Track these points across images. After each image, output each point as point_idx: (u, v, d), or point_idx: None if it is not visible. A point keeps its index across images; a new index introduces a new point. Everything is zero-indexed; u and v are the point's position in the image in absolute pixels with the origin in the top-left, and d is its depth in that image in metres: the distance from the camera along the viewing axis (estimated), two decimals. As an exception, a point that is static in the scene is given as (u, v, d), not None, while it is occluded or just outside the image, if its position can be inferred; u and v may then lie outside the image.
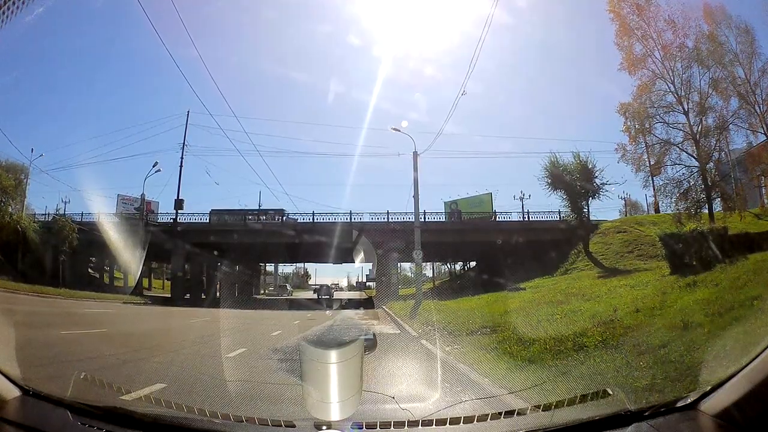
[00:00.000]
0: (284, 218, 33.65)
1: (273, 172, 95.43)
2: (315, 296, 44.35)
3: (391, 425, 2.15)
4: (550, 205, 58.57)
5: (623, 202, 41.21)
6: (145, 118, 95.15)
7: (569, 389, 3.90)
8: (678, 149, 21.88)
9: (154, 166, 32.77)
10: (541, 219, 32.90)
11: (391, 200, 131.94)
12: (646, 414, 2.00)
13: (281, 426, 2.29)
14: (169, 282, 39.05)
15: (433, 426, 2.30)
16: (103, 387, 3.33)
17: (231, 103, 67.55)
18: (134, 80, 63.84)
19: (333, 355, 2.35)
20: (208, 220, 33.54)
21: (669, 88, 21.50)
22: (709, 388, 1.90)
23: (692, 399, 1.95)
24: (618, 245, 24.84)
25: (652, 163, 22.60)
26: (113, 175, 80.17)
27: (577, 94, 71.93)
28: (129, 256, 25.05)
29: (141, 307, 23.26)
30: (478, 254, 41.08)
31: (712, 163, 21.56)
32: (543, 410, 2.44)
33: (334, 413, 2.16)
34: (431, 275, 59.13)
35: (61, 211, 33.55)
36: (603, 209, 79.15)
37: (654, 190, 24.24)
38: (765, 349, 1.69)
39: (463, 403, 3.69)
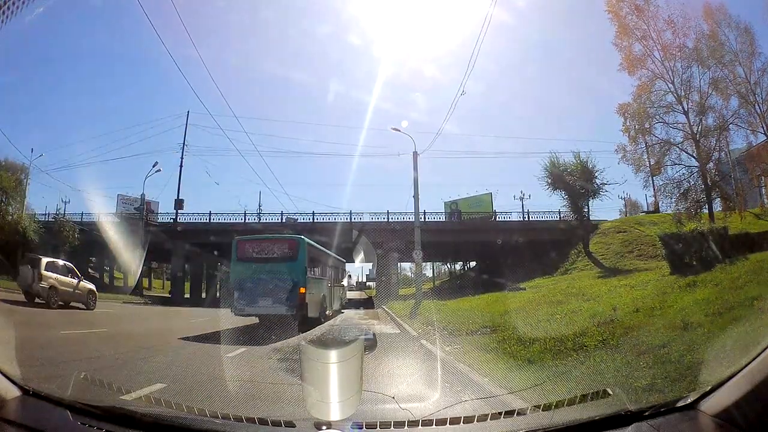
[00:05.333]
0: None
1: (273, 172, 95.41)
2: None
3: (391, 425, 2.15)
4: (550, 205, 58.55)
5: (623, 202, 41.19)
6: (145, 118, 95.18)
7: (569, 389, 3.90)
8: (678, 149, 21.92)
9: (154, 166, 32.82)
10: (541, 219, 32.92)
11: (391, 200, 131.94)
12: (646, 414, 2.00)
13: (281, 426, 2.29)
14: (169, 282, 39.05)
15: (433, 426, 2.31)
16: (103, 387, 3.33)
17: (231, 103, 67.55)
18: (134, 80, 63.85)
19: (333, 354, 2.35)
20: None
21: (669, 88, 21.53)
22: (709, 388, 1.90)
23: (692, 399, 1.95)
24: (618, 245, 24.85)
25: (652, 163, 22.63)
26: (113, 175, 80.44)
27: (577, 94, 71.88)
28: (129, 256, 25.07)
29: (141, 307, 23.25)
30: (478, 254, 41.08)
31: (712, 163, 21.58)
32: (543, 410, 2.44)
33: (334, 413, 2.16)
34: (431, 275, 59.15)
35: (61, 211, 33.59)
36: (603, 209, 79.09)
37: (654, 190, 24.28)
38: (765, 349, 1.69)
39: (463, 403, 3.69)
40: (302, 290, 12.43)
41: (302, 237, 13.78)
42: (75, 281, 16.29)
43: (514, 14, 34.57)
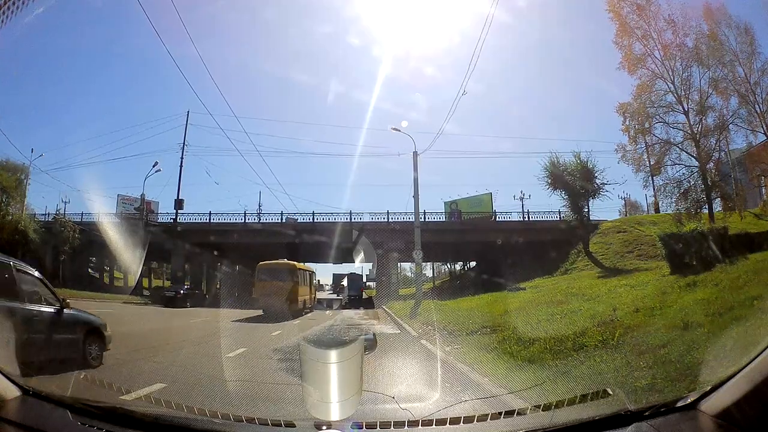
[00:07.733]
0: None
1: (273, 172, 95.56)
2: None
3: (391, 425, 2.15)
4: (550, 205, 58.46)
5: (623, 202, 41.16)
6: (145, 118, 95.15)
7: (569, 389, 3.90)
8: (678, 149, 21.91)
9: (154, 166, 32.81)
10: (541, 219, 32.89)
11: (391, 200, 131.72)
12: (646, 414, 2.00)
13: (281, 426, 2.29)
14: (170, 282, 39.02)
15: (433, 426, 2.30)
16: (103, 387, 3.33)
17: (231, 103, 67.42)
18: (134, 80, 63.73)
19: (333, 355, 2.35)
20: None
21: (669, 87, 21.51)
22: (709, 388, 1.90)
23: (692, 399, 1.95)
24: (618, 245, 24.83)
25: (652, 163, 22.62)
26: (113, 175, 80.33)
27: (577, 94, 71.83)
28: (129, 256, 25.03)
29: (141, 307, 23.27)
30: (478, 254, 41.06)
31: (712, 163, 21.56)
32: (543, 410, 2.44)
33: (334, 413, 2.15)
34: (431, 275, 59.10)
35: (62, 211, 33.53)
36: (603, 209, 79.01)
37: (654, 190, 24.27)
38: (765, 349, 1.68)
39: (463, 403, 3.69)
40: (362, 289, 42.24)
41: (363, 274, 44.15)
42: None
43: (515, 14, 34.60)
